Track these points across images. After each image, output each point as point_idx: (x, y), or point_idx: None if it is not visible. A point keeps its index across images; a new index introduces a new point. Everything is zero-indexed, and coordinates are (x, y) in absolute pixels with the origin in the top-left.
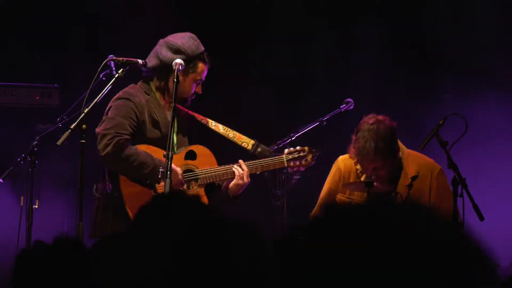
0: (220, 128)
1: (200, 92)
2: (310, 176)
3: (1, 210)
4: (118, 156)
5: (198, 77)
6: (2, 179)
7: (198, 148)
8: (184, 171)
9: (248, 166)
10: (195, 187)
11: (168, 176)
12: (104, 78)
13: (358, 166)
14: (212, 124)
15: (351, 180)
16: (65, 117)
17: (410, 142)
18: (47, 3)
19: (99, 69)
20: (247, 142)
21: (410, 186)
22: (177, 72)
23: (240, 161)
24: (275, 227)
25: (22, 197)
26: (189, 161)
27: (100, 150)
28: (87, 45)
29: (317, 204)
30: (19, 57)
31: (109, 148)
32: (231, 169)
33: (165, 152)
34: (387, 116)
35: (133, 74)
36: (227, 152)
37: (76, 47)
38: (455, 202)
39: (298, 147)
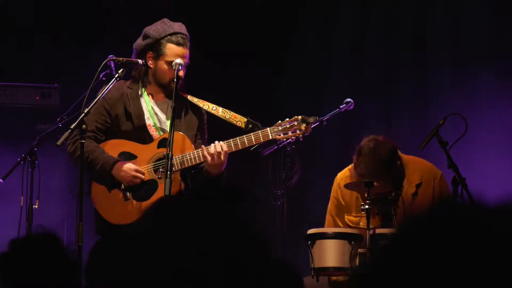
0: (220, 111)
1: (182, 76)
2: (310, 176)
3: (1, 210)
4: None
5: (169, 59)
6: (2, 179)
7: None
8: (156, 160)
9: (230, 143)
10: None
11: (168, 176)
12: (104, 78)
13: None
14: (213, 108)
15: (353, 197)
16: (65, 117)
17: (410, 142)
18: (47, 3)
19: (99, 69)
20: (241, 121)
21: (415, 194)
22: (177, 72)
23: (216, 142)
24: (275, 227)
25: (22, 197)
26: (161, 149)
27: None
28: (88, 45)
29: (327, 220)
30: (19, 57)
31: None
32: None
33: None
34: (386, 136)
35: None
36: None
37: (76, 47)
38: None
39: (287, 118)
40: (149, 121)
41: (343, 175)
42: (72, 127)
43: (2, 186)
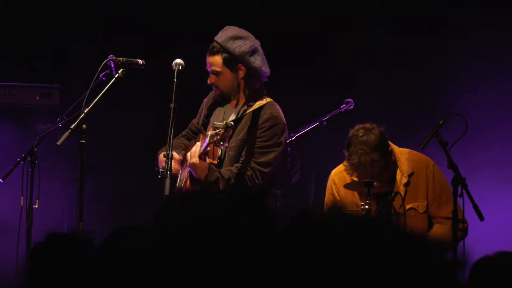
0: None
1: (209, 83)
2: (310, 177)
3: (1, 210)
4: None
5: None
6: (2, 179)
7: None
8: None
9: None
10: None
11: (168, 176)
12: (104, 78)
13: (354, 177)
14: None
15: (348, 193)
16: (65, 117)
17: (410, 142)
18: (47, 3)
19: (99, 69)
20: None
21: (407, 184)
22: (176, 72)
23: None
24: (275, 227)
25: (22, 197)
26: None
27: None
28: (87, 45)
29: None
30: (19, 57)
31: None
32: None
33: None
34: (374, 124)
35: (133, 74)
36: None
37: (76, 47)
38: (455, 201)
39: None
40: None
41: (337, 171)
42: (72, 127)
43: (2, 186)
